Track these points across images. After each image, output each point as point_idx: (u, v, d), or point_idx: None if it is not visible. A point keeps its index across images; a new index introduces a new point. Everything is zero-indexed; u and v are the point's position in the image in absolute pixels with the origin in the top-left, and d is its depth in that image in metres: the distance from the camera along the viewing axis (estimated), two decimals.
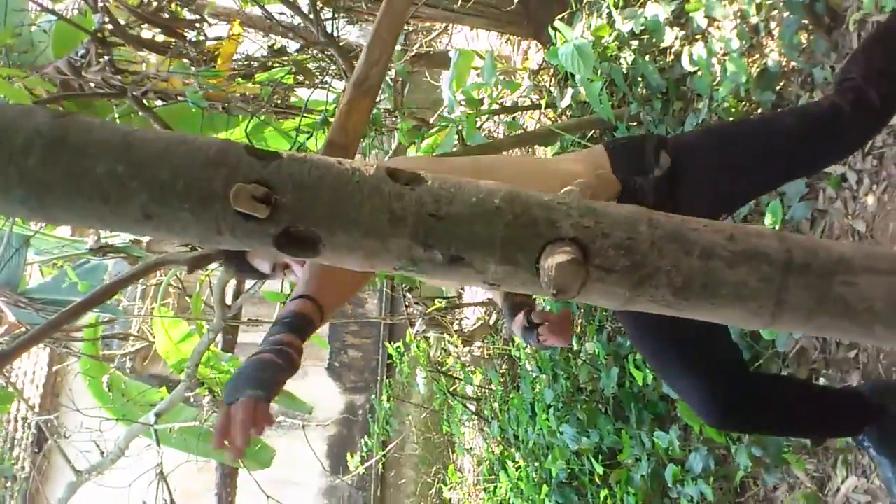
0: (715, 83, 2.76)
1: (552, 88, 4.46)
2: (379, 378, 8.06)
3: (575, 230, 0.76)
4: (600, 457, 3.17)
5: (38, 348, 7.35)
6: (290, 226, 0.73)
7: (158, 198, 0.71)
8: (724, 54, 2.73)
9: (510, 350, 4.90)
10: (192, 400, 4.40)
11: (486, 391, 5.12)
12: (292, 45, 4.41)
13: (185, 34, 2.72)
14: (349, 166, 0.76)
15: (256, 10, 4.42)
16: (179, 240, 0.75)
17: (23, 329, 3.42)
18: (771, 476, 2.38)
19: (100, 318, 4.05)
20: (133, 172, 0.71)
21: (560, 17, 3.46)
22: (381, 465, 7.23)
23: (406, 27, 5.89)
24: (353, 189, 0.74)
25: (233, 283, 5.19)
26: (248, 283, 4.16)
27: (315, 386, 8.51)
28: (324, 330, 7.65)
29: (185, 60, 2.85)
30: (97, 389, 3.99)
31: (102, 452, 3.42)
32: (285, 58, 4.20)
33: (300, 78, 4.47)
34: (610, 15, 3.39)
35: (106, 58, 2.49)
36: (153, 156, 0.72)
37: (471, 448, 5.55)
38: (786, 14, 2.49)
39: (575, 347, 3.86)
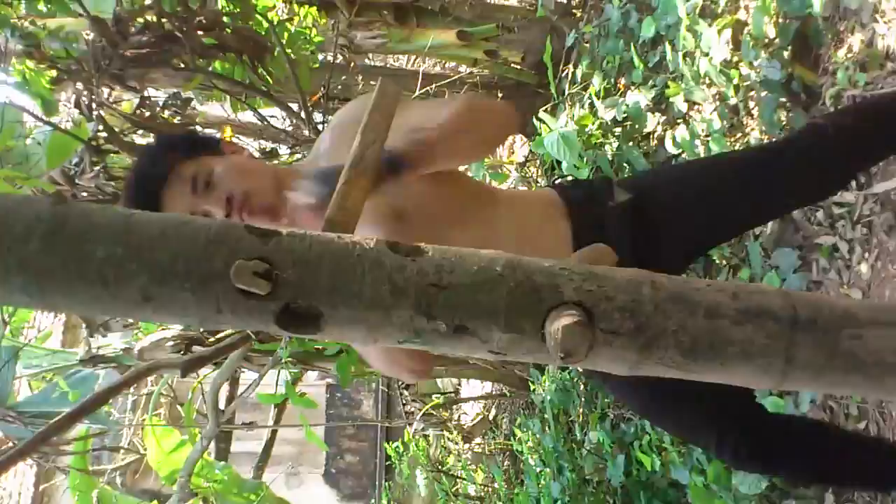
0: None
1: (539, 179, 4.55)
2: (378, 482, 7.84)
3: (578, 294, 0.76)
4: None
5: (25, 467, 7.14)
6: (292, 302, 0.72)
7: (158, 279, 0.70)
8: (707, 135, 2.81)
9: (512, 444, 4.80)
10: None
11: (490, 489, 4.97)
12: (283, 149, 4.52)
13: None
14: (349, 241, 0.76)
15: (247, 116, 4.54)
16: (179, 322, 0.74)
17: (10, 444, 3.33)
18: None
19: (90, 430, 3.96)
20: (132, 255, 0.70)
21: (543, 109, 3.57)
22: None
23: None
24: (353, 263, 0.74)
25: (226, 387, 5.12)
26: (243, 380, 4.09)
27: (312, 494, 8.28)
28: (320, 431, 7.49)
29: None
30: None
31: None
32: (276, 161, 4.29)
33: None
34: (592, 104, 3.50)
35: (100, 165, 2.53)
36: (153, 238, 0.72)
37: None
38: (763, 93, 2.58)
39: (578, 437, 3.78)
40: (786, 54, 2.58)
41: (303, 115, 2.64)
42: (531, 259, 0.80)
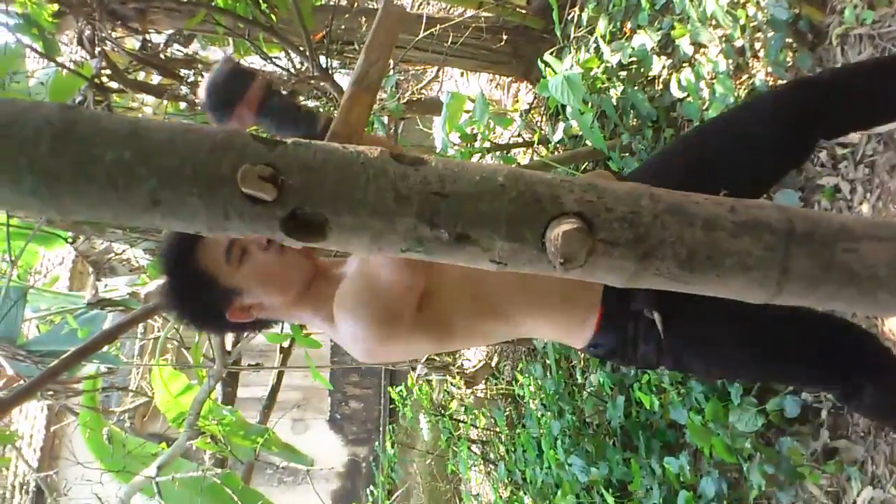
0: (704, 107, 2.81)
1: (543, 125, 4.52)
2: (382, 424, 7.97)
3: (579, 205, 0.77)
4: (611, 490, 3.12)
5: (36, 410, 7.27)
6: (297, 208, 0.74)
7: (167, 183, 0.72)
8: (712, 77, 2.79)
9: (514, 390, 4.87)
10: (192, 448, 4.33)
11: (492, 433, 5.06)
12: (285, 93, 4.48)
13: (182, 76, 2.76)
14: (353, 150, 0.77)
15: (249, 62, 4.50)
16: (187, 228, 0.75)
17: (21, 382, 3.38)
18: (785, 494, 2.35)
19: (99, 371, 4.02)
20: (141, 159, 0.72)
21: (549, 52, 3.53)
22: None
23: (397, 75, 5.99)
24: (358, 170, 0.75)
25: None
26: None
27: (317, 439, 8.42)
28: (326, 372, 7.59)
29: (182, 103, 2.89)
30: (96, 443, 3.93)
31: None
32: None
33: None
34: (598, 48, 3.47)
35: (104, 103, 2.52)
36: (161, 143, 0.73)
37: (478, 494, 5.46)
38: (770, 34, 2.55)
39: (579, 380, 3.84)
40: None
41: (307, 53, 2.62)
42: (533, 171, 0.81)
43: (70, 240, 4.08)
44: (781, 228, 0.80)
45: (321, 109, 4.36)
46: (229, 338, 4.46)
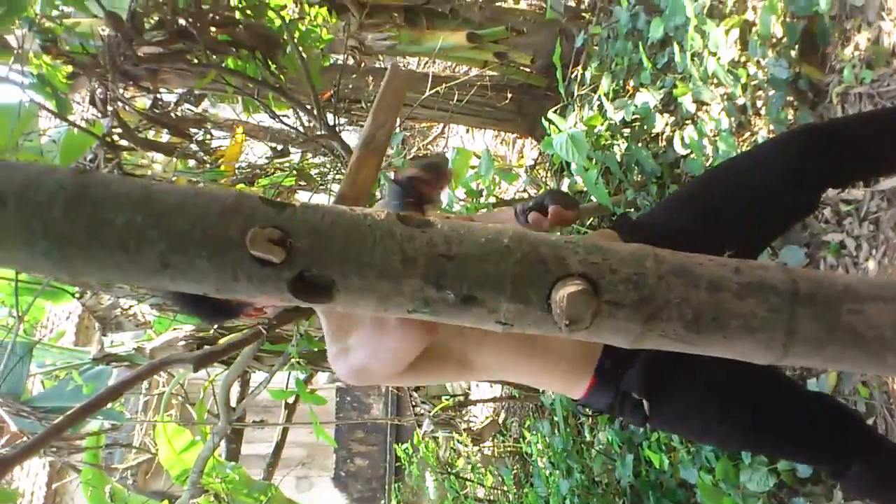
0: (708, 163, 2.84)
1: (549, 181, 4.57)
2: (387, 482, 7.84)
3: (583, 266, 0.77)
4: None
5: (38, 466, 7.19)
6: (305, 270, 0.75)
7: (176, 246, 0.73)
8: (715, 135, 2.82)
9: (521, 447, 4.80)
10: None
11: (499, 492, 4.97)
12: (294, 153, 4.55)
13: (192, 135, 2.81)
14: (361, 212, 0.78)
15: (257, 120, 4.58)
16: (196, 289, 0.76)
17: (24, 439, 3.36)
18: None
19: (103, 427, 3.99)
20: (151, 222, 0.73)
21: (553, 110, 3.58)
22: None
23: (404, 131, 6.08)
24: (365, 233, 0.76)
25: (237, 388, 5.15)
26: (254, 382, 4.11)
27: (322, 498, 8.29)
28: (330, 429, 7.52)
29: (191, 162, 2.93)
30: (99, 501, 3.88)
31: None
32: (287, 163, 4.33)
33: (302, 183, 4.59)
34: (601, 105, 3.52)
35: (114, 161, 2.56)
36: (171, 206, 0.74)
37: None
38: (771, 92, 2.59)
39: (588, 438, 3.79)
40: (793, 53, 2.59)
41: (315, 112, 2.67)
42: (537, 233, 0.82)
43: (77, 295, 4.10)
44: (786, 290, 0.80)
45: (328, 166, 4.41)
46: (234, 392, 4.43)
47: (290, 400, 4.96)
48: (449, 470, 5.22)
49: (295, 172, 4.32)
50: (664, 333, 0.79)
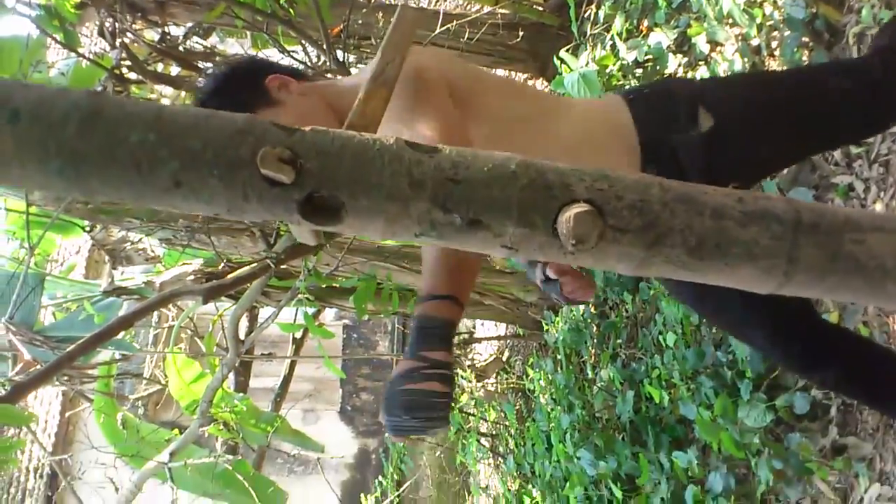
0: None
1: None
2: None
3: (589, 192, 0.78)
4: (619, 483, 3.13)
5: (51, 396, 7.36)
6: (314, 191, 0.76)
7: (188, 165, 0.74)
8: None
9: (524, 384, 4.89)
10: (204, 435, 4.37)
11: (501, 427, 5.08)
12: None
13: (201, 68, 2.80)
14: (370, 137, 0.79)
15: (266, 55, 4.53)
16: (207, 209, 0.77)
17: (38, 367, 3.43)
18: (793, 490, 2.36)
19: (114, 357, 4.07)
20: (164, 141, 0.74)
21: (565, 49, 3.54)
22: None
23: None
24: (373, 156, 0.77)
25: (245, 323, 5.22)
26: (262, 318, 4.17)
27: (327, 430, 8.46)
28: (336, 363, 7.64)
29: None
30: (110, 428, 3.98)
31: (117, 489, 3.41)
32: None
33: None
34: (614, 45, 3.47)
35: (124, 94, 2.56)
36: (183, 127, 0.75)
37: (486, 487, 5.48)
38: (786, 33, 2.55)
39: (590, 375, 3.85)
40: None
41: (325, 46, 2.64)
42: (544, 160, 0.83)
43: (87, 228, 4.13)
44: (788, 219, 0.81)
45: None
46: (243, 327, 4.49)
47: (298, 335, 5.03)
48: (453, 404, 5.31)
49: None
50: (667, 259, 0.81)
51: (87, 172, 0.74)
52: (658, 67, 3.35)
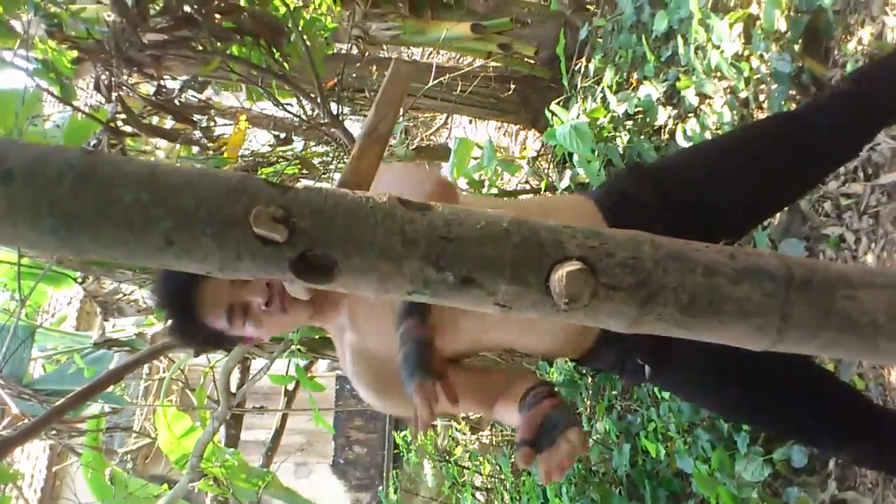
0: None
1: (551, 172, 4.57)
2: (385, 470, 7.88)
3: (581, 250, 0.79)
4: None
5: (38, 450, 7.23)
6: (307, 249, 0.76)
7: (181, 224, 0.74)
8: (717, 128, 2.83)
9: None
10: (194, 491, 4.30)
11: (497, 480, 5.00)
12: (297, 142, 4.55)
13: (195, 121, 2.83)
14: (362, 195, 0.80)
15: (260, 108, 4.59)
16: (200, 268, 0.77)
17: (26, 421, 3.38)
18: None
19: (103, 411, 4.02)
20: (157, 201, 0.74)
21: (556, 102, 3.59)
22: None
23: (407, 121, 6.08)
24: (367, 214, 0.77)
25: (237, 375, 5.18)
26: (254, 370, 4.13)
27: (320, 484, 8.33)
28: (328, 416, 7.55)
29: (195, 149, 2.94)
30: (98, 484, 3.91)
31: None
32: (290, 151, 4.34)
33: (304, 171, 4.60)
34: (604, 98, 3.53)
35: (118, 147, 2.58)
36: (177, 186, 0.75)
37: None
38: (773, 86, 2.60)
39: (585, 428, 3.81)
40: (796, 47, 2.60)
41: (319, 100, 2.68)
42: (535, 219, 0.83)
43: (79, 280, 4.11)
44: (780, 275, 0.81)
45: (331, 155, 4.42)
46: (234, 379, 4.45)
47: (290, 387, 4.99)
48: (447, 458, 5.25)
49: (297, 161, 4.33)
50: (660, 317, 0.80)
51: (79, 232, 0.73)
52: (648, 119, 3.39)
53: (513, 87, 4.59)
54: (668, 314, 0.80)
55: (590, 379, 3.91)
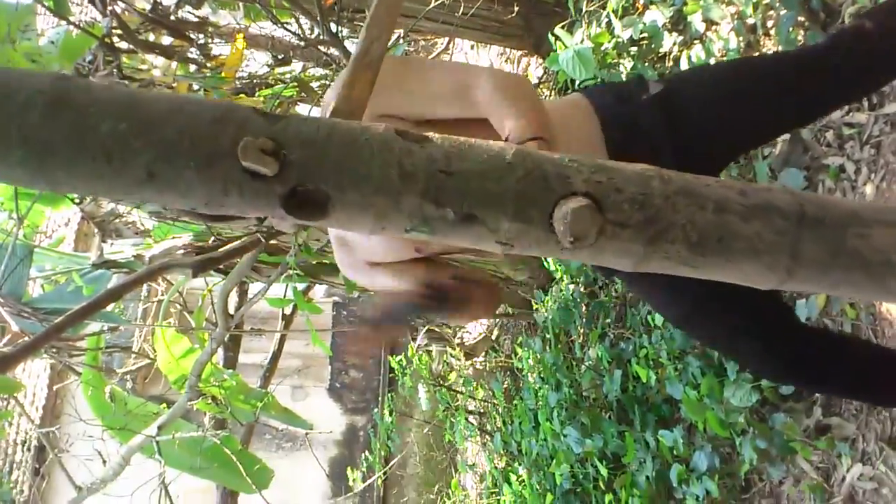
0: None
1: (552, 99, 4.48)
2: (381, 393, 8.01)
3: (587, 185, 0.75)
4: (605, 462, 3.14)
5: (39, 368, 7.32)
6: (299, 184, 0.72)
7: (163, 156, 0.70)
8: (723, 55, 2.75)
9: (513, 363, 4.89)
10: (192, 410, 4.36)
11: (489, 405, 5.09)
12: (295, 64, 4.43)
13: (192, 37, 2.73)
14: (357, 125, 0.76)
15: (259, 27, 4.45)
16: (183, 203, 0.73)
17: (26, 338, 3.40)
18: (776, 469, 2.37)
19: (103, 330, 4.04)
20: (138, 130, 0.70)
21: (560, 25, 3.48)
22: (382, 484, 7.16)
23: (407, 46, 5.92)
24: (362, 145, 0.73)
25: (235, 298, 5.19)
26: (252, 293, 4.14)
27: (316, 407, 8.47)
28: (326, 337, 7.63)
29: (192, 66, 2.86)
30: (98, 401, 3.96)
31: (104, 462, 3.39)
32: (288, 73, 4.23)
33: (303, 94, 4.50)
34: (609, 23, 3.42)
35: (114, 63, 2.49)
36: (159, 114, 0.71)
37: (473, 464, 5.51)
38: (782, 11, 2.51)
39: (578, 354, 3.84)
40: None
41: (318, 18, 2.58)
42: (540, 151, 0.79)
43: (76, 201, 4.07)
44: (792, 212, 0.78)
45: (330, 78, 4.31)
46: (232, 302, 4.46)
47: (288, 311, 5.00)
48: (441, 382, 5.32)
49: (296, 84, 4.23)
50: (668, 255, 0.77)
51: (52, 164, 0.69)
52: (653, 46, 3.30)
53: (516, 9, 4.44)
54: (676, 252, 0.77)
55: (584, 307, 3.93)
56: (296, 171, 0.72)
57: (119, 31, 2.70)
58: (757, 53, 2.63)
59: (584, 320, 3.92)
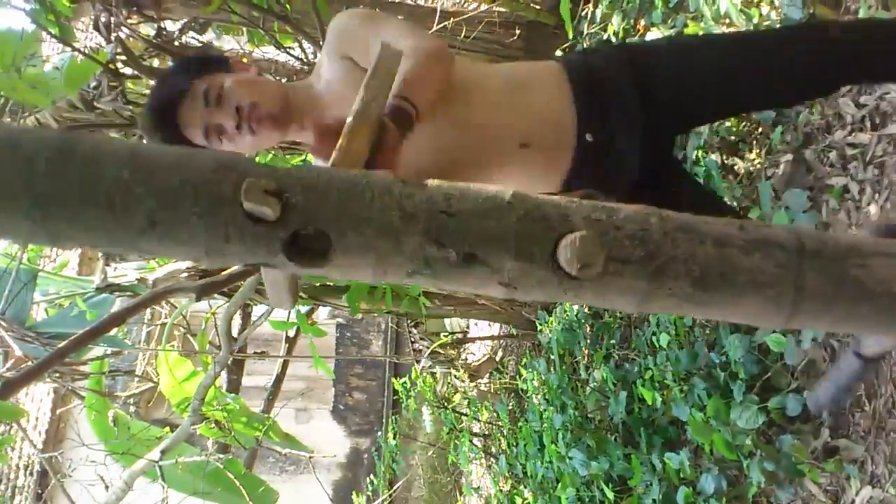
0: None
1: None
2: (385, 416, 7.99)
3: (587, 223, 0.76)
4: (610, 484, 3.13)
5: (43, 393, 7.32)
6: (301, 228, 0.73)
7: (166, 203, 0.70)
8: None
9: (517, 384, 4.88)
10: (196, 434, 4.35)
11: (494, 427, 5.08)
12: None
13: None
14: (356, 172, 0.77)
15: (260, 54, 4.49)
16: (184, 253, 0.73)
17: (30, 363, 3.40)
18: (784, 492, 2.36)
19: (106, 353, 4.04)
20: (140, 179, 0.70)
21: (561, 48, 3.51)
22: None
23: None
24: (362, 189, 0.74)
25: (238, 321, 5.20)
26: (255, 316, 4.15)
27: (320, 429, 8.45)
28: (329, 364, 7.61)
29: None
30: (101, 425, 3.96)
31: (107, 487, 3.39)
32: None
33: None
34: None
35: (118, 89, 2.52)
36: (161, 164, 0.71)
37: (478, 487, 5.48)
38: None
39: (583, 376, 3.84)
40: None
41: (321, 43, 2.61)
42: (537, 195, 0.80)
43: None
44: (792, 246, 0.79)
45: None
46: (235, 325, 4.46)
47: (291, 333, 5.01)
48: (446, 404, 5.31)
49: None
50: (671, 291, 0.77)
51: (55, 215, 0.69)
52: None
53: (518, 32, 4.48)
54: (679, 288, 0.77)
55: (588, 328, 3.93)
56: (298, 214, 0.72)
57: (123, 57, 2.73)
58: None
59: (588, 341, 3.92)
